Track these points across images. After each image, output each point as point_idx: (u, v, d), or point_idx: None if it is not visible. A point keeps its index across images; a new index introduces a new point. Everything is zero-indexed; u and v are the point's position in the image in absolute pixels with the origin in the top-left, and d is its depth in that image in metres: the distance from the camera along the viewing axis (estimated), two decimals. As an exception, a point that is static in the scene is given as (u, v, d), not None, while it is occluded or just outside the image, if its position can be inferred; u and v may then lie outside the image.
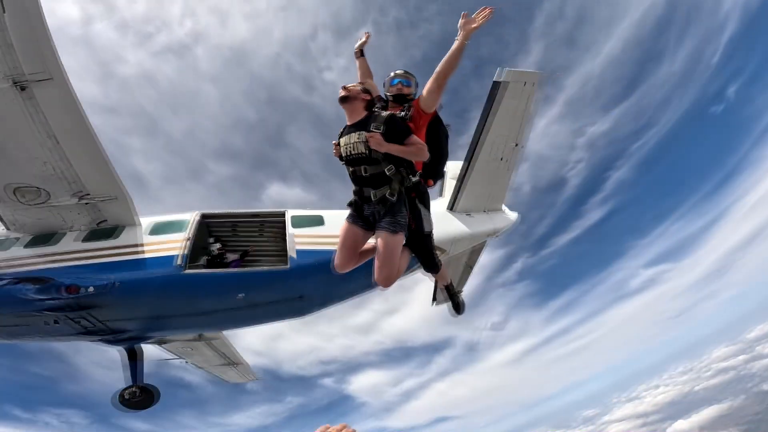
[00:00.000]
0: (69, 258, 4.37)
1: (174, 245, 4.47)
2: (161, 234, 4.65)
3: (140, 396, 5.85)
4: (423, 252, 3.92)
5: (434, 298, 7.58)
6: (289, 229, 4.62)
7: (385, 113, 3.39)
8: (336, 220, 4.74)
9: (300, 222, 4.69)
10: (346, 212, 4.94)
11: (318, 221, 4.70)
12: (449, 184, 5.99)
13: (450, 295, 4.28)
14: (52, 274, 4.20)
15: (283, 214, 4.80)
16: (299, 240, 4.49)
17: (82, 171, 4.59)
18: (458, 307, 4.49)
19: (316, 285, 4.51)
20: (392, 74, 3.92)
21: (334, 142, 3.52)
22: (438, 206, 5.67)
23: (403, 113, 3.61)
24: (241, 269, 4.45)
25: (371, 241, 3.42)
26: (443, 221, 5.22)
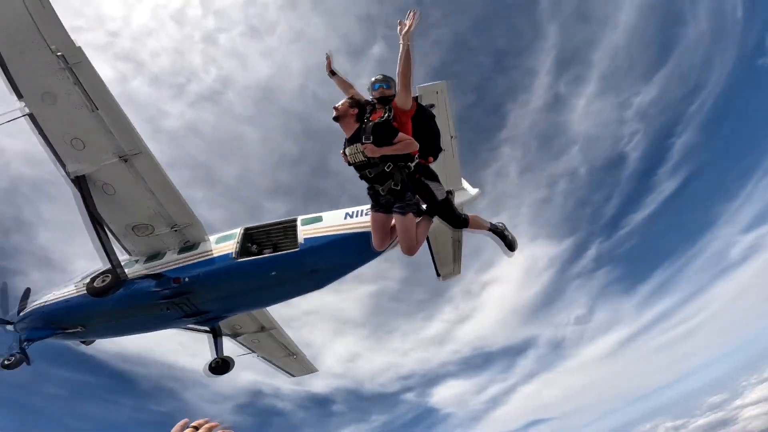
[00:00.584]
0: (172, 264, 6.82)
1: (229, 247, 6.77)
2: (222, 243, 6.97)
3: (221, 365, 8.20)
4: (446, 215, 4.50)
5: (438, 273, 8.90)
6: (299, 227, 6.69)
7: (371, 123, 3.95)
8: (331, 218, 6.74)
9: (306, 222, 6.75)
10: (341, 212, 6.86)
11: (318, 219, 6.71)
12: None
13: (498, 235, 4.60)
14: (164, 273, 6.66)
15: (295, 220, 6.92)
16: (305, 232, 6.55)
17: (171, 211, 7.04)
18: (511, 245, 4.64)
19: (321, 260, 6.47)
20: (373, 80, 4.37)
21: (341, 152, 4.14)
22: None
23: (386, 114, 4.07)
24: (269, 254, 6.57)
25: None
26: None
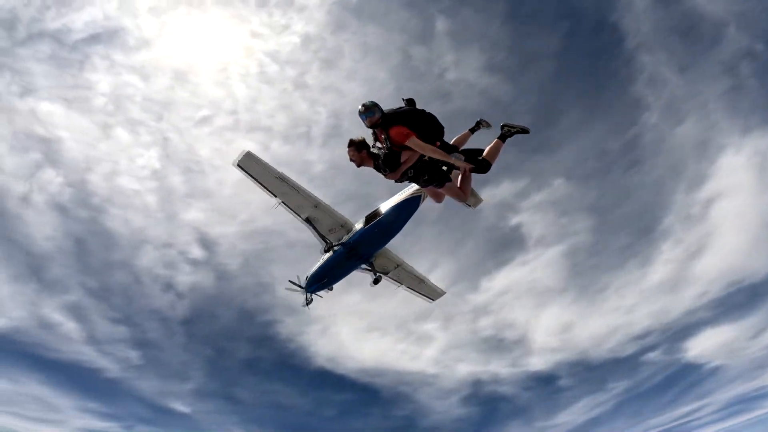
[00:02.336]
0: (346, 238, 16.80)
1: (361, 224, 16.37)
2: (359, 224, 16.62)
3: (377, 280, 17.53)
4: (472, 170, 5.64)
5: (468, 205, 16.38)
6: (380, 208, 15.91)
7: (380, 161, 5.43)
8: (388, 202, 15.80)
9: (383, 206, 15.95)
10: (389, 202, 15.70)
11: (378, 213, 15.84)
12: None
13: (512, 135, 5.63)
14: (345, 242, 16.74)
15: (379, 207, 16.11)
16: (382, 209, 15.77)
17: (340, 221, 17.09)
18: (525, 130, 5.61)
19: (392, 217, 15.34)
20: (358, 113, 5.44)
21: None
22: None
23: (387, 144, 5.34)
24: (373, 222, 15.86)
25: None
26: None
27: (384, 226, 15.77)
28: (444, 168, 5.66)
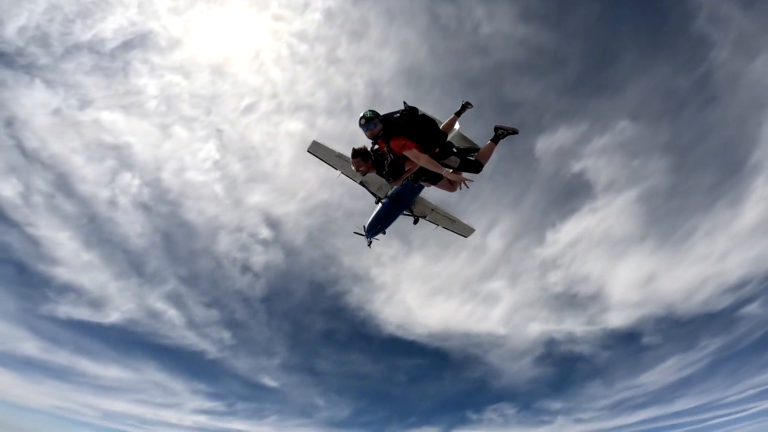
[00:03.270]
0: (390, 191, 22.79)
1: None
2: None
3: (416, 221, 23.32)
4: (464, 170, 6.36)
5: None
6: None
7: (385, 170, 6.21)
8: None
9: None
10: None
11: None
12: None
13: (504, 136, 6.36)
14: (391, 194, 22.69)
15: None
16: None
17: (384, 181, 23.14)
18: (515, 131, 6.43)
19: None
20: (359, 125, 5.98)
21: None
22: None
23: (390, 155, 5.87)
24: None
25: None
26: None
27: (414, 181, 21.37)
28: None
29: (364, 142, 6.83)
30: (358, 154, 6.17)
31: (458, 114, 7.36)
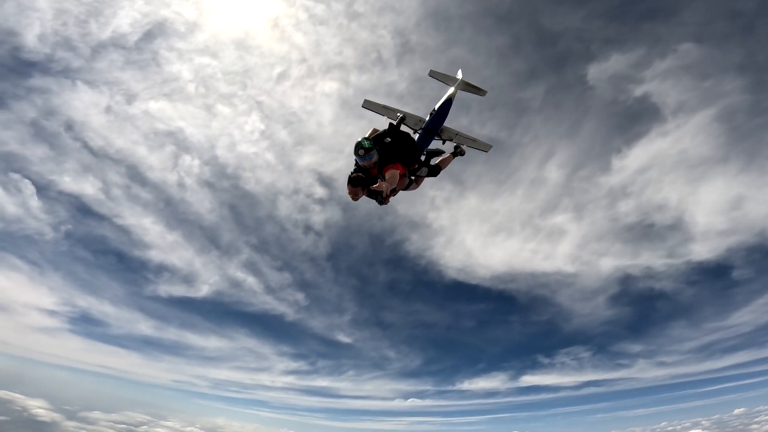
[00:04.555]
0: (422, 125, 32.83)
1: (428, 118, 32.36)
2: (428, 117, 32.73)
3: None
4: (430, 175, 7.42)
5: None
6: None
7: (373, 192, 6.76)
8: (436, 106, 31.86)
9: None
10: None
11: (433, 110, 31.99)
12: None
13: (462, 152, 8.07)
14: (423, 127, 32.74)
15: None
16: None
17: (417, 119, 33.16)
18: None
19: None
20: (355, 153, 6.35)
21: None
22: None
23: (381, 178, 6.49)
24: (429, 118, 31.83)
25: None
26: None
27: (436, 118, 29.01)
28: (412, 178, 7.73)
29: (355, 143, 7.36)
30: (358, 183, 6.43)
31: (453, 155, 8.62)
